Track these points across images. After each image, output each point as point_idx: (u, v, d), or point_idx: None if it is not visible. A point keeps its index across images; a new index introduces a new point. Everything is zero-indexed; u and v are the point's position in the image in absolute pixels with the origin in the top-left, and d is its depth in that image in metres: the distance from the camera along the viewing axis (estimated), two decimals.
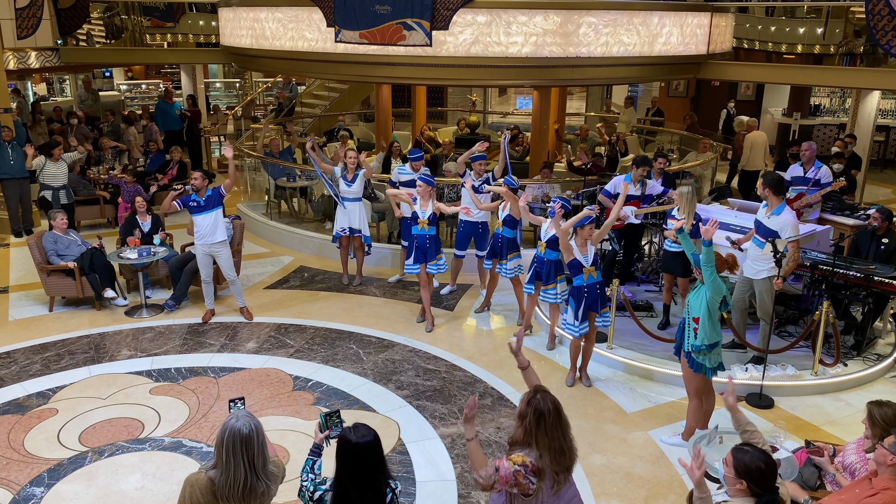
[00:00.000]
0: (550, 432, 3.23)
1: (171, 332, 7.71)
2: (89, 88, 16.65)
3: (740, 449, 3.24)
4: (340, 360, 7.07)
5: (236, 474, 2.98)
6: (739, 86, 17.85)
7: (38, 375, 6.75)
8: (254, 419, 3.07)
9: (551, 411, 3.25)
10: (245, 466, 2.99)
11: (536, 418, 3.24)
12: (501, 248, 7.69)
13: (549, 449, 3.21)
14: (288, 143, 12.86)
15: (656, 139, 14.68)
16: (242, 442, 2.98)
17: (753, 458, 3.16)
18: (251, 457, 3.00)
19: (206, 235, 7.60)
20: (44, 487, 5.14)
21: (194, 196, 7.52)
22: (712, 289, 5.16)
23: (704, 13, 10.48)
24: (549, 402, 3.28)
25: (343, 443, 3.03)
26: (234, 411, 3.14)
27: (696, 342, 5.31)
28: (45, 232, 8.35)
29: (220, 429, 3.02)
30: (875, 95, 12.37)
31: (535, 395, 3.30)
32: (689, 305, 5.35)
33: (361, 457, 3.01)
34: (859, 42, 12.25)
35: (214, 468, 3.04)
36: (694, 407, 5.55)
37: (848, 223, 8.67)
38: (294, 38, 10.23)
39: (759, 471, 3.14)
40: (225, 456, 2.98)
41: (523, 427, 3.28)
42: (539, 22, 9.25)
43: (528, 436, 3.26)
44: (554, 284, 7.07)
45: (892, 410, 4.11)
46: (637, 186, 8.13)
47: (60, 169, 10.12)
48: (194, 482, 3.04)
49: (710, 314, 5.22)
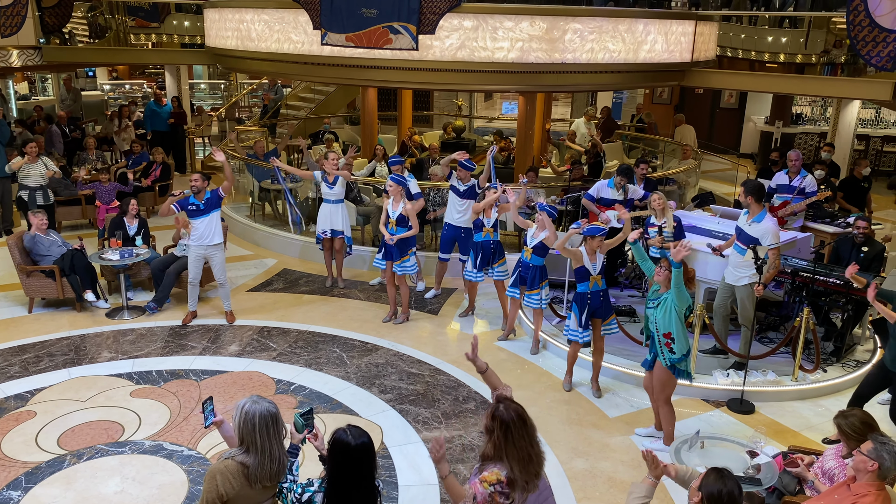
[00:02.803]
0: (518, 442, 3.21)
1: (152, 334, 7.65)
2: (70, 88, 16.50)
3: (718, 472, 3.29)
4: (324, 364, 7.05)
5: (272, 455, 3.07)
6: (723, 93, 18.03)
7: (16, 377, 6.67)
8: (266, 398, 3.17)
9: (516, 421, 3.23)
10: (278, 445, 3.09)
11: (504, 431, 3.22)
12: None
13: (517, 460, 3.20)
14: (273, 145, 12.81)
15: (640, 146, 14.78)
16: (274, 421, 3.09)
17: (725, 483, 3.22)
18: (280, 434, 3.11)
19: (204, 237, 7.55)
20: (21, 491, 5.07)
21: (193, 199, 7.46)
22: (680, 302, 5.27)
23: (689, 21, 10.58)
24: (513, 411, 3.26)
25: (341, 446, 3.06)
26: (244, 399, 3.19)
27: (675, 356, 5.40)
28: (24, 232, 8.26)
29: (245, 416, 3.07)
30: (855, 105, 12.54)
31: (499, 406, 3.28)
32: (658, 323, 5.40)
33: (358, 458, 3.04)
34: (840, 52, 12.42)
35: (245, 454, 3.08)
36: (667, 413, 5.66)
37: (828, 231, 8.78)
38: (280, 40, 10.21)
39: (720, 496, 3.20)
40: (260, 440, 3.05)
41: (492, 442, 3.25)
42: (525, 28, 9.28)
43: (497, 450, 3.24)
44: (538, 290, 7.09)
45: (858, 418, 4.16)
46: (619, 192, 8.21)
47: (38, 170, 9.99)
48: (223, 470, 3.06)
49: (681, 325, 5.34)
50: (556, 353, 7.36)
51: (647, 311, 5.56)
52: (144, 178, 11.76)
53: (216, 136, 17.59)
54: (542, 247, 7.01)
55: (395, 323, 8.01)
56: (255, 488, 3.07)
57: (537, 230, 7.02)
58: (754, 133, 17.74)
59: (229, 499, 3.05)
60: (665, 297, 5.37)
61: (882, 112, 16.67)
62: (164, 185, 12.10)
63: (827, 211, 9.21)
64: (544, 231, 6.95)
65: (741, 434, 5.72)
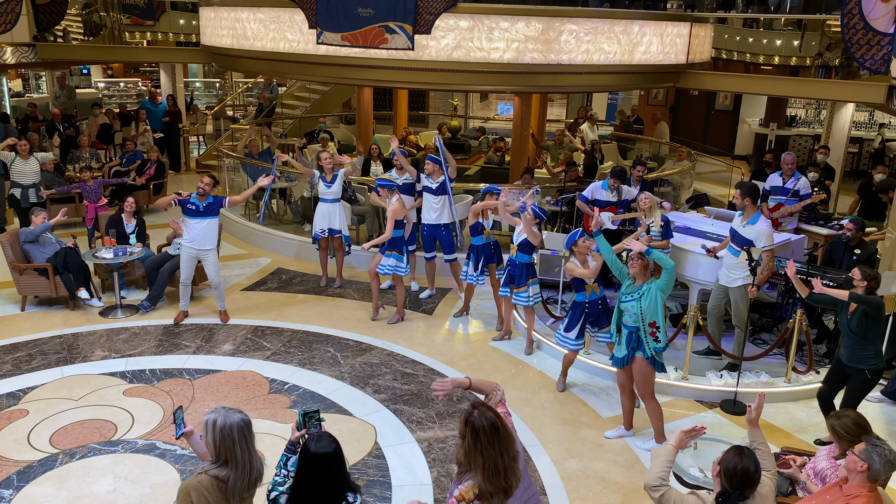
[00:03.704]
0: (486, 451, 3.08)
1: (146, 333, 7.63)
2: (64, 85, 16.43)
3: (739, 449, 3.40)
4: (317, 363, 7.04)
5: (252, 464, 3.04)
6: (718, 95, 18.07)
7: (8, 376, 6.64)
8: (233, 409, 3.13)
9: (486, 429, 3.08)
10: (250, 454, 3.05)
11: (473, 438, 3.09)
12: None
13: (483, 469, 3.08)
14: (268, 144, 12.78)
15: (635, 147, 14.80)
16: (249, 430, 3.05)
17: (741, 460, 3.32)
18: (253, 444, 3.07)
19: (197, 240, 7.54)
20: (13, 490, 5.05)
21: (194, 199, 7.46)
22: (667, 289, 5.36)
23: (684, 23, 10.60)
24: (486, 418, 3.11)
25: (302, 451, 3.02)
26: (215, 410, 3.13)
27: (660, 345, 5.45)
28: (17, 230, 8.22)
29: (218, 429, 3.01)
30: (849, 107, 12.57)
31: (473, 412, 3.14)
32: (643, 312, 5.42)
33: (318, 466, 2.98)
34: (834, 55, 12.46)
35: (219, 467, 3.04)
36: (654, 408, 5.70)
37: (822, 233, 8.80)
38: (275, 39, 10.19)
39: (735, 470, 3.31)
40: (240, 452, 3.01)
41: (463, 448, 3.14)
42: (521, 28, 9.29)
43: (468, 456, 3.13)
44: (525, 287, 7.11)
45: (851, 420, 4.17)
46: (613, 193, 8.23)
47: (30, 167, 9.94)
48: (197, 485, 3.00)
49: (662, 314, 5.43)
50: (550, 353, 7.37)
51: (625, 304, 5.54)
52: (139, 176, 11.73)
53: (211, 134, 17.54)
54: (526, 244, 7.04)
55: (388, 323, 8.00)
56: (232, 502, 3.02)
57: (522, 228, 7.06)
58: (749, 135, 17.79)
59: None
60: (648, 287, 5.39)
61: (876, 115, 16.73)
62: (159, 183, 12.07)
63: (820, 213, 9.24)
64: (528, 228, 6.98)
65: (734, 435, 5.74)
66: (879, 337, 5.61)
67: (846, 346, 5.62)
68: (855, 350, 5.54)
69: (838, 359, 5.77)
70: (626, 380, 5.76)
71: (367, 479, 5.28)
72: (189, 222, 7.52)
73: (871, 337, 5.50)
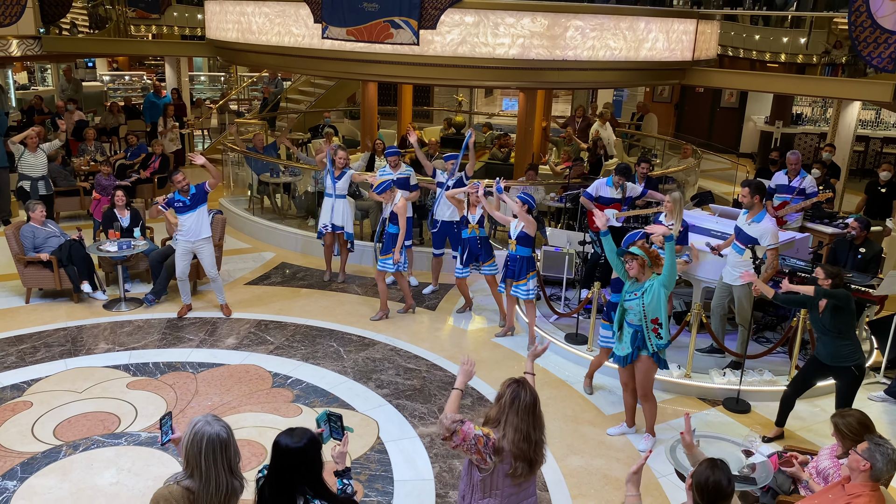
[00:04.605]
0: (522, 415, 3.27)
1: (149, 326, 7.64)
2: (70, 78, 16.45)
3: (712, 462, 3.30)
4: (321, 358, 7.05)
5: (217, 482, 2.88)
6: (723, 93, 18.02)
7: (12, 367, 6.66)
8: (222, 421, 2.98)
9: (527, 399, 3.30)
10: (224, 472, 2.91)
11: (512, 398, 3.29)
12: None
13: (515, 429, 3.24)
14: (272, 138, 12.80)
15: (640, 144, 14.76)
16: (222, 448, 2.90)
17: (713, 473, 3.22)
18: (229, 461, 2.92)
19: (190, 233, 7.56)
20: (16, 481, 5.08)
21: (178, 196, 7.49)
22: (669, 284, 5.35)
23: (690, 20, 10.56)
24: (529, 392, 3.32)
25: (274, 441, 2.99)
26: (200, 416, 3.00)
27: (662, 341, 5.45)
28: (23, 223, 8.24)
29: (193, 437, 2.88)
30: (856, 106, 12.52)
31: (518, 382, 3.35)
32: (646, 309, 5.40)
33: (281, 459, 2.95)
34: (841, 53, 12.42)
35: (190, 479, 2.91)
36: (651, 406, 5.72)
37: (827, 231, 8.78)
38: (280, 34, 10.18)
39: (707, 483, 3.22)
40: (205, 465, 2.87)
41: (499, 406, 3.33)
42: (527, 24, 9.27)
43: (500, 413, 3.31)
44: (525, 280, 7.10)
45: (855, 418, 4.16)
46: (618, 190, 8.21)
47: (39, 159, 9.97)
48: (168, 496, 2.89)
49: (665, 310, 5.41)
50: (552, 349, 7.36)
51: (628, 303, 5.53)
52: (143, 169, 11.74)
53: (215, 128, 17.54)
54: (525, 237, 7.03)
55: (399, 312, 8.03)
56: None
57: (519, 218, 7.04)
58: (754, 133, 17.73)
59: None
60: (650, 284, 5.38)
61: (882, 113, 16.67)
62: (163, 176, 12.07)
63: (825, 211, 9.22)
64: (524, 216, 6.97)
65: (737, 433, 5.73)
66: (853, 330, 5.58)
67: (825, 345, 5.57)
68: (836, 348, 5.51)
69: (814, 360, 5.72)
70: (629, 378, 5.75)
71: (369, 474, 5.29)
72: (182, 218, 7.54)
73: (845, 332, 5.47)
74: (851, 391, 5.63)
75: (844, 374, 5.56)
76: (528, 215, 7.03)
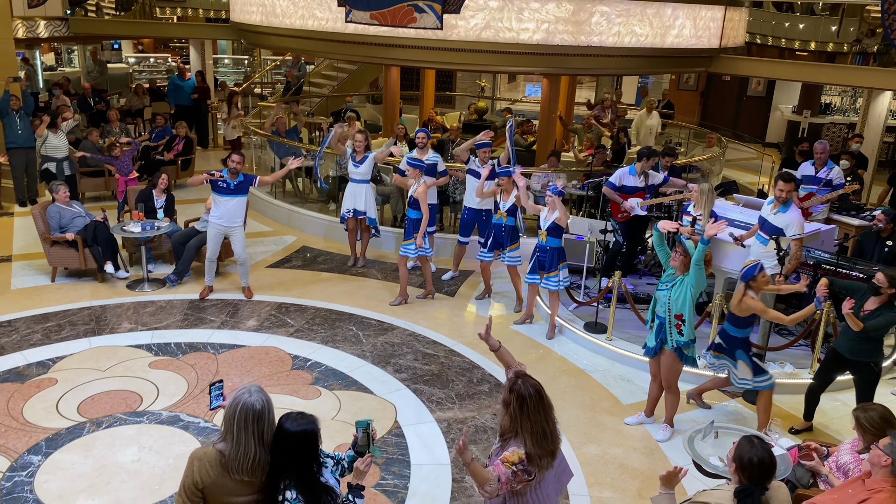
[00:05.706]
0: (533, 416, 3.26)
1: (172, 306, 7.73)
2: (96, 60, 16.59)
3: (749, 439, 3.33)
4: (340, 341, 7.09)
5: (247, 449, 2.99)
6: (750, 81, 17.74)
7: (38, 345, 6.78)
8: (265, 394, 3.08)
9: (533, 395, 3.28)
10: (255, 441, 3.00)
11: (519, 404, 3.28)
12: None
13: (531, 433, 3.25)
14: (294, 122, 12.83)
15: (665, 132, 14.61)
16: (255, 417, 2.99)
17: (755, 451, 3.25)
18: (261, 432, 3.01)
19: (226, 217, 7.62)
20: (41, 456, 5.18)
21: (226, 173, 7.53)
22: (697, 283, 5.29)
23: (718, 6, 10.40)
24: (531, 386, 3.31)
25: (279, 420, 3.06)
26: (246, 386, 3.13)
27: (684, 339, 5.43)
28: (49, 203, 8.35)
29: (232, 403, 3.01)
30: (887, 96, 12.28)
31: (517, 380, 3.34)
32: (671, 303, 5.39)
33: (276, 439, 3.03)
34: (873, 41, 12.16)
35: (224, 441, 3.04)
36: (673, 399, 5.70)
37: (853, 223, 8.65)
38: (304, 17, 10.17)
39: (751, 463, 3.24)
40: (236, 430, 2.98)
41: (509, 414, 3.32)
42: (551, 9, 9.18)
43: (514, 422, 3.30)
44: (556, 272, 7.08)
45: (877, 413, 4.12)
46: (640, 178, 8.13)
47: (61, 140, 10.09)
48: (202, 456, 3.04)
49: (692, 310, 5.37)
50: (571, 338, 7.35)
51: (660, 292, 5.53)
52: (167, 151, 11.83)
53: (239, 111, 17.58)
54: (555, 227, 7.00)
55: (418, 297, 8.05)
56: (233, 479, 3.01)
57: (549, 212, 7.01)
58: (781, 122, 17.46)
59: (205, 486, 3.00)
60: (682, 279, 5.37)
61: None
62: (187, 159, 12.17)
63: (852, 203, 9.07)
64: (555, 212, 6.94)
65: (755, 425, 5.69)
66: (883, 334, 5.54)
67: (850, 339, 5.51)
68: (858, 343, 5.46)
69: (834, 352, 5.67)
70: (657, 369, 5.74)
71: (386, 457, 5.33)
72: (219, 199, 7.58)
73: (874, 333, 5.43)
74: (871, 387, 5.58)
75: (864, 369, 5.53)
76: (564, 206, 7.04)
